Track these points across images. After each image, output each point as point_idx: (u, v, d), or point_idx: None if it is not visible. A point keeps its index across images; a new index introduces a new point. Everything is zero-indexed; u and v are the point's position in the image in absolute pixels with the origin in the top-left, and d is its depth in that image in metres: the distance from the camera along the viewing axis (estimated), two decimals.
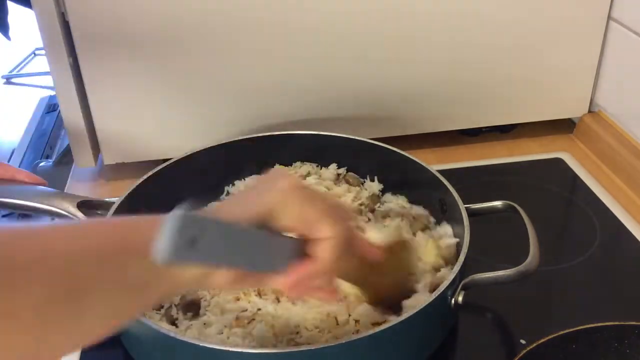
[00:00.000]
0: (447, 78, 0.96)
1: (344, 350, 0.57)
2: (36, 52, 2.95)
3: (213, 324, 0.64)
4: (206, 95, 0.92)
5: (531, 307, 0.74)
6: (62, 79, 0.87)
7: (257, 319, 0.64)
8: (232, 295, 0.67)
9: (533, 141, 1.04)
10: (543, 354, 0.61)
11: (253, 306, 0.66)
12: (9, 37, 1.95)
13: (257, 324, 0.63)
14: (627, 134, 0.96)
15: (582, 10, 0.95)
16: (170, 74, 0.90)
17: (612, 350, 0.63)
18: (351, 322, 0.64)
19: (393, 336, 0.59)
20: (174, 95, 0.92)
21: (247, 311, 0.65)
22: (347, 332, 0.63)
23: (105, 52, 0.87)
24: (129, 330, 0.64)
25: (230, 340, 0.62)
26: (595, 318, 0.64)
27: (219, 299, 0.67)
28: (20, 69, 2.85)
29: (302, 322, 0.64)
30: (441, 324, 0.67)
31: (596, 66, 1.00)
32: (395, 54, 0.93)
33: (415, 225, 0.77)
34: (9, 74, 2.67)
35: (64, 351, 0.42)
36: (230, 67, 0.90)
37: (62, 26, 0.84)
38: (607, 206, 0.88)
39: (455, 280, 0.63)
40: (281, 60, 0.91)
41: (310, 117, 0.95)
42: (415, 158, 0.80)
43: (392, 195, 0.84)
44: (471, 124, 1.03)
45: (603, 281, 0.78)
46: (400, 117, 0.98)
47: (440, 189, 0.76)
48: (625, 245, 0.82)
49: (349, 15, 0.89)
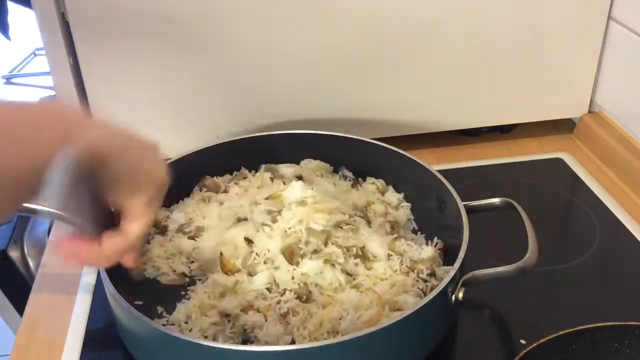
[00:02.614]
0: (447, 78, 0.96)
1: (343, 349, 0.57)
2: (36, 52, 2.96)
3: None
4: (206, 95, 0.92)
5: (531, 307, 0.74)
6: (62, 79, 0.87)
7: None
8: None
9: (533, 141, 1.04)
10: (543, 354, 0.61)
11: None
12: (9, 37, 1.95)
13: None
14: (627, 134, 0.96)
15: (582, 11, 0.95)
16: (170, 75, 0.90)
17: (612, 350, 0.63)
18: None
19: (393, 334, 0.59)
20: (174, 95, 0.92)
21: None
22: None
23: (105, 52, 0.87)
24: (129, 330, 0.65)
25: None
26: (595, 318, 0.64)
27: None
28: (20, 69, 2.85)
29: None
30: (441, 321, 0.67)
31: (596, 66, 1.00)
32: (396, 54, 0.93)
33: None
34: (9, 74, 2.68)
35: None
36: (230, 67, 0.90)
37: (62, 26, 0.84)
38: (607, 206, 0.88)
39: (455, 277, 0.64)
40: (281, 60, 0.91)
41: (310, 117, 0.95)
42: (416, 158, 0.80)
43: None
44: (471, 124, 1.03)
45: (603, 281, 0.78)
46: (400, 117, 0.98)
47: (440, 188, 0.76)
48: (625, 245, 0.82)
49: (350, 15, 0.89)
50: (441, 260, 0.73)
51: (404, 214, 0.81)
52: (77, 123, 0.50)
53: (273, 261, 0.70)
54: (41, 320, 0.74)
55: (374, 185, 0.84)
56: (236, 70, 0.91)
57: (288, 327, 0.64)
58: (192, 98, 0.92)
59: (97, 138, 0.50)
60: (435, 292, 0.61)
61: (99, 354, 0.70)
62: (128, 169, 0.53)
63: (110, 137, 0.52)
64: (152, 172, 0.55)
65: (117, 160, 0.51)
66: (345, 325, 0.63)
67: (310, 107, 0.95)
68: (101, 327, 0.71)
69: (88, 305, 0.74)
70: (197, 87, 0.91)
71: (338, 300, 0.66)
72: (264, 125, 0.93)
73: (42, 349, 0.70)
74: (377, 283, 0.69)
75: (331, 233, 0.72)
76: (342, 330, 0.63)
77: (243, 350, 0.58)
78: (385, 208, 0.80)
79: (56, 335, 0.71)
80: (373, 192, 0.83)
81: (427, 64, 0.95)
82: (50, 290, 0.78)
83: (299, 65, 0.92)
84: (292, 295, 0.67)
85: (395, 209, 0.81)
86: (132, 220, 0.55)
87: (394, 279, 0.69)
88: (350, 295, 0.67)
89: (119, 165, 0.51)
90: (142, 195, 0.54)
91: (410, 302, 0.65)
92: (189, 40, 0.88)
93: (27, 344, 0.71)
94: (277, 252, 0.70)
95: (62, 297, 0.76)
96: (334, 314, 0.64)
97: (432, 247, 0.74)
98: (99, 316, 0.72)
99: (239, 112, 0.94)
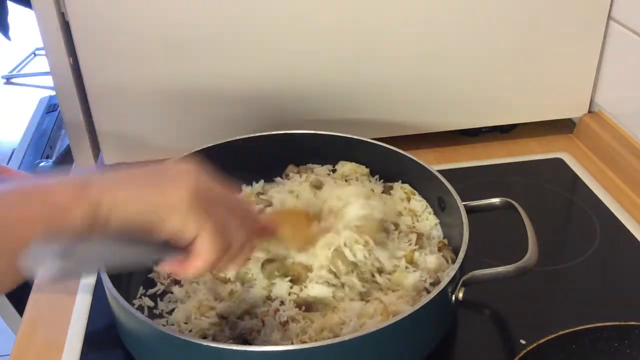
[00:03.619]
0: (447, 78, 0.96)
1: (343, 349, 0.57)
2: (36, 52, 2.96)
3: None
4: (206, 95, 0.92)
5: (531, 307, 0.74)
6: (62, 79, 0.87)
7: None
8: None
9: (533, 141, 1.04)
10: (543, 354, 0.61)
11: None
12: (9, 37, 1.95)
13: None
14: (627, 134, 0.96)
15: (582, 10, 0.95)
16: (170, 74, 0.90)
17: (612, 350, 0.63)
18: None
19: (393, 334, 0.59)
20: (174, 95, 0.92)
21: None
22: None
23: (105, 52, 0.87)
24: (129, 330, 0.65)
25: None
26: (595, 318, 0.64)
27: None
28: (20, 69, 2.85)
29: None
30: (441, 321, 0.67)
31: (596, 66, 1.00)
32: (396, 54, 0.93)
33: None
34: (9, 74, 2.68)
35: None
36: (231, 67, 0.90)
37: (62, 26, 0.84)
38: (607, 206, 0.88)
39: (455, 277, 0.64)
40: (281, 61, 0.91)
41: (310, 117, 0.95)
42: (416, 158, 0.80)
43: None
44: (471, 124, 1.03)
45: (603, 281, 0.78)
46: (400, 117, 0.98)
47: (440, 188, 0.76)
48: (625, 245, 0.82)
49: (351, 16, 0.89)
50: (449, 259, 0.72)
51: (429, 225, 0.78)
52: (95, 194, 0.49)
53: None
54: (41, 320, 0.74)
55: (403, 190, 0.82)
56: (236, 70, 0.91)
57: (287, 332, 0.64)
58: (192, 98, 0.92)
59: (96, 201, 0.48)
60: (435, 292, 0.61)
61: (99, 354, 0.70)
62: (138, 216, 0.50)
63: (107, 195, 0.49)
64: (163, 200, 0.51)
65: (119, 218, 0.49)
66: (347, 332, 0.62)
67: (310, 107, 0.95)
68: (101, 327, 0.71)
69: (88, 305, 0.74)
70: (197, 87, 0.91)
71: (340, 308, 0.65)
72: (264, 126, 0.93)
73: (42, 349, 0.70)
74: (388, 294, 0.67)
75: (358, 265, 0.69)
76: (343, 335, 0.62)
77: (243, 350, 0.58)
78: (412, 220, 0.78)
79: (56, 335, 0.71)
80: (401, 199, 0.81)
81: (428, 64, 0.95)
82: (50, 290, 0.78)
83: (298, 65, 0.92)
84: (291, 304, 0.66)
85: (419, 217, 0.79)
86: (193, 243, 0.53)
87: (404, 291, 0.68)
88: (354, 304, 0.66)
89: (124, 221, 0.49)
90: (173, 224, 0.51)
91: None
92: (189, 40, 0.88)
93: (27, 344, 0.71)
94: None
95: (62, 297, 0.76)
96: (335, 320, 0.64)
97: (436, 254, 0.73)
98: (99, 316, 0.72)
99: (239, 113, 0.94)
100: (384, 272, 0.70)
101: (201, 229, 0.51)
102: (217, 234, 0.52)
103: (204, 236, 0.52)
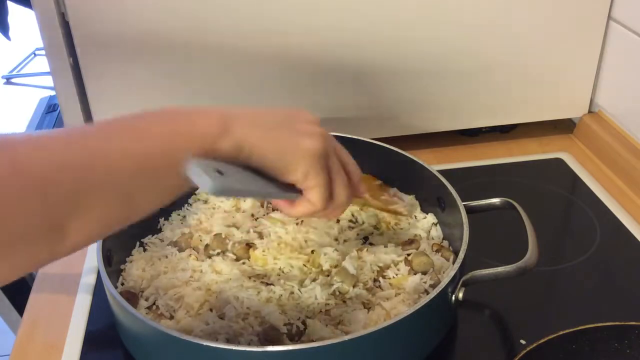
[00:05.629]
0: (447, 78, 0.96)
1: (343, 349, 0.57)
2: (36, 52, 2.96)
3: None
4: (206, 95, 0.92)
5: (531, 307, 0.74)
6: (62, 79, 0.87)
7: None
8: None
9: (533, 141, 1.04)
10: (543, 354, 0.61)
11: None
12: (9, 37, 1.95)
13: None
14: (627, 134, 0.96)
15: (582, 10, 0.95)
16: (170, 74, 0.90)
17: (612, 350, 0.63)
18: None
19: (393, 334, 0.59)
20: (174, 95, 0.92)
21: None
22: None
23: (105, 52, 0.87)
24: (129, 330, 0.65)
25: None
26: (595, 318, 0.64)
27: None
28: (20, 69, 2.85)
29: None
30: (441, 321, 0.67)
31: (596, 66, 1.00)
32: (396, 54, 0.93)
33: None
34: (9, 74, 2.67)
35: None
36: (230, 66, 0.90)
37: (62, 26, 0.84)
38: (607, 206, 0.88)
39: (455, 277, 0.64)
40: (281, 61, 0.91)
41: None
42: (416, 158, 0.80)
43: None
44: (471, 124, 1.03)
45: (603, 281, 0.78)
46: (400, 117, 0.98)
47: (440, 188, 0.76)
48: (625, 245, 0.82)
49: (351, 16, 0.89)
50: (450, 259, 0.72)
51: (438, 235, 0.78)
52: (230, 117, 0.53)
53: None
54: (41, 320, 0.74)
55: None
56: (236, 70, 0.91)
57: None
58: (192, 98, 0.92)
59: (240, 138, 0.52)
60: (435, 292, 0.61)
61: (99, 354, 0.70)
62: (271, 156, 0.54)
63: (249, 133, 0.53)
64: (295, 149, 0.55)
65: (257, 155, 0.53)
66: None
67: (310, 107, 0.95)
68: (101, 327, 0.71)
69: (88, 306, 0.74)
70: (197, 86, 0.91)
71: (345, 320, 0.65)
72: None
73: (42, 349, 0.70)
74: (391, 298, 0.67)
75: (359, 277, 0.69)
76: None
77: (243, 350, 0.58)
78: (428, 241, 0.77)
79: (56, 335, 0.71)
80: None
81: (428, 64, 0.95)
82: (50, 290, 0.78)
83: (298, 65, 0.92)
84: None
85: (429, 231, 0.79)
86: (306, 191, 0.57)
87: (406, 294, 0.68)
88: (357, 313, 0.65)
89: (261, 158, 0.54)
90: (296, 173, 0.55)
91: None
92: (189, 40, 0.88)
93: (27, 344, 0.71)
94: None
95: (62, 297, 0.76)
96: (336, 332, 0.63)
97: (435, 255, 0.73)
98: (99, 316, 0.72)
99: None
100: (386, 276, 0.70)
101: (317, 182, 0.56)
102: (328, 190, 0.57)
103: (316, 189, 0.56)
